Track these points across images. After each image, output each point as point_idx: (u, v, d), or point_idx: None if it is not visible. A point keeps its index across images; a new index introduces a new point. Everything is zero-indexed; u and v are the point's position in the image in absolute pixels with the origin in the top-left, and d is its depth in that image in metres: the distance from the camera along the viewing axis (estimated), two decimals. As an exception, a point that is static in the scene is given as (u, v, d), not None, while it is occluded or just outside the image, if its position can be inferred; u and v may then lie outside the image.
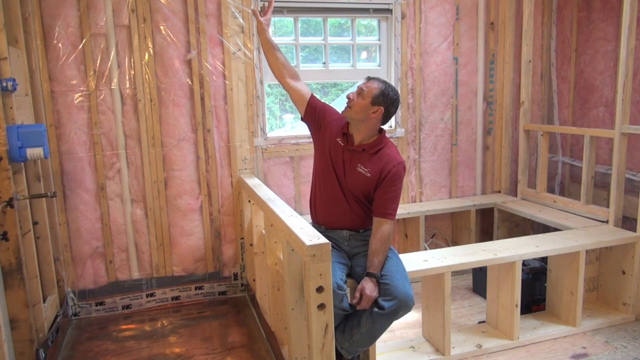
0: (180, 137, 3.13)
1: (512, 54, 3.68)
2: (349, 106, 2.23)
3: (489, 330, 2.72)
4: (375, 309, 2.06)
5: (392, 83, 3.51)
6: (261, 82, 3.24)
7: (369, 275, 2.11)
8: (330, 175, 2.30)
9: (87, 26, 2.89)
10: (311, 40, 3.53)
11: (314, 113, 2.37)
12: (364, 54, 3.71)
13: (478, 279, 3.26)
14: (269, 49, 2.40)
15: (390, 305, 2.04)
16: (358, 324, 2.11)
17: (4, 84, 2.11)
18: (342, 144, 2.29)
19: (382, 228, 2.19)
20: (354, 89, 2.32)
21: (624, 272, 2.82)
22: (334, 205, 2.31)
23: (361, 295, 2.05)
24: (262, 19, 2.38)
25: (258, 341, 2.75)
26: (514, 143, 3.81)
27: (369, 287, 2.06)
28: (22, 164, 2.33)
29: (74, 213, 3.03)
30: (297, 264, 2.02)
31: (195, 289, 3.30)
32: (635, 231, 2.79)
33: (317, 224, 2.40)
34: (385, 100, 2.21)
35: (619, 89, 2.83)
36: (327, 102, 2.47)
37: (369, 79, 2.26)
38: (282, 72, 2.39)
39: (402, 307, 2.05)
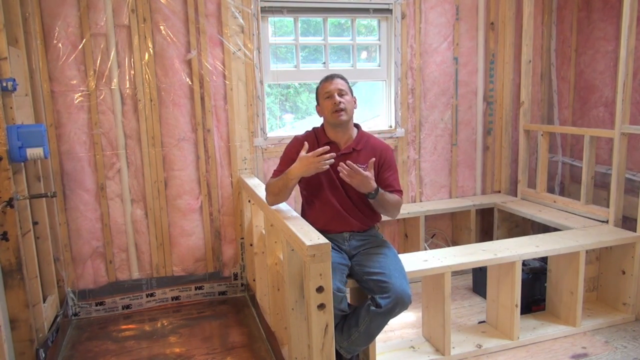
0: (180, 137, 3.13)
1: (512, 54, 3.68)
2: (342, 110, 2.23)
3: (489, 330, 2.72)
4: (373, 307, 2.06)
5: (392, 83, 3.52)
6: (261, 82, 3.24)
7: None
8: (324, 194, 2.29)
9: (87, 26, 2.89)
10: (311, 40, 3.53)
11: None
12: (364, 54, 3.70)
13: (478, 279, 3.26)
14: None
15: (387, 303, 2.04)
16: (356, 323, 2.11)
17: (4, 84, 2.11)
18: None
19: (394, 194, 2.30)
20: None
21: (624, 272, 2.82)
22: (333, 216, 2.31)
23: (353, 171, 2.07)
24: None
25: (258, 341, 2.75)
26: (514, 143, 3.81)
27: (365, 173, 2.09)
28: (22, 164, 2.33)
29: (74, 213, 3.03)
30: (297, 264, 2.02)
31: (195, 289, 3.30)
32: (635, 231, 2.79)
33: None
34: (351, 87, 2.36)
35: (619, 89, 2.83)
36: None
37: (332, 78, 2.30)
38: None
39: (399, 304, 2.06)
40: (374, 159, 2.18)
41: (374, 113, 3.74)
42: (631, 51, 2.80)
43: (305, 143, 2.16)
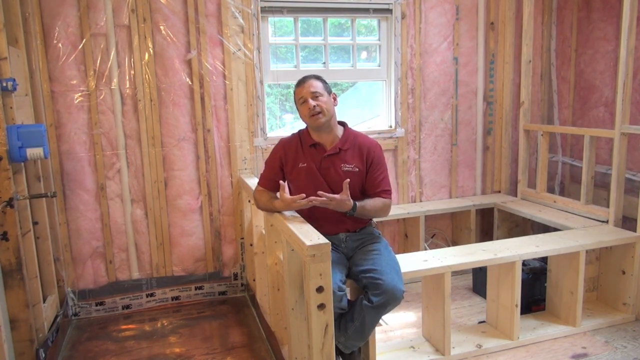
0: (180, 137, 3.13)
1: (512, 54, 3.68)
2: (319, 113, 2.21)
3: (489, 330, 2.72)
4: (365, 302, 2.08)
5: (392, 83, 3.52)
6: (261, 82, 3.24)
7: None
8: (315, 195, 2.28)
9: (87, 26, 2.89)
10: (311, 40, 3.53)
11: (283, 171, 2.36)
12: (364, 54, 3.70)
13: (478, 279, 3.26)
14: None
15: (378, 300, 2.06)
16: (352, 318, 2.13)
17: (4, 84, 2.11)
18: (315, 157, 2.28)
19: (379, 198, 2.26)
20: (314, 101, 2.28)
21: (624, 272, 2.82)
22: (327, 218, 2.29)
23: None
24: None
25: (258, 341, 2.75)
26: (514, 143, 3.81)
27: (338, 197, 2.10)
28: (22, 164, 2.33)
29: (74, 213, 3.03)
30: (297, 264, 2.02)
31: (195, 289, 3.30)
32: (635, 231, 2.79)
33: None
34: (328, 84, 2.31)
35: (619, 89, 2.83)
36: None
37: (304, 82, 2.26)
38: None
39: (390, 300, 2.07)
40: (348, 180, 2.12)
41: (374, 113, 3.74)
42: (631, 51, 2.80)
43: (282, 183, 2.16)
